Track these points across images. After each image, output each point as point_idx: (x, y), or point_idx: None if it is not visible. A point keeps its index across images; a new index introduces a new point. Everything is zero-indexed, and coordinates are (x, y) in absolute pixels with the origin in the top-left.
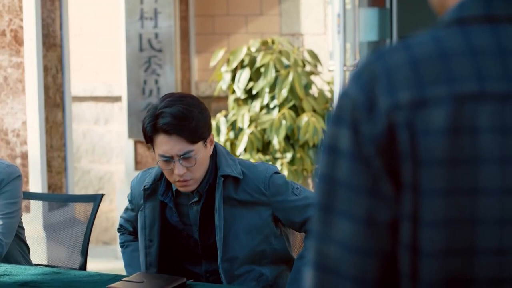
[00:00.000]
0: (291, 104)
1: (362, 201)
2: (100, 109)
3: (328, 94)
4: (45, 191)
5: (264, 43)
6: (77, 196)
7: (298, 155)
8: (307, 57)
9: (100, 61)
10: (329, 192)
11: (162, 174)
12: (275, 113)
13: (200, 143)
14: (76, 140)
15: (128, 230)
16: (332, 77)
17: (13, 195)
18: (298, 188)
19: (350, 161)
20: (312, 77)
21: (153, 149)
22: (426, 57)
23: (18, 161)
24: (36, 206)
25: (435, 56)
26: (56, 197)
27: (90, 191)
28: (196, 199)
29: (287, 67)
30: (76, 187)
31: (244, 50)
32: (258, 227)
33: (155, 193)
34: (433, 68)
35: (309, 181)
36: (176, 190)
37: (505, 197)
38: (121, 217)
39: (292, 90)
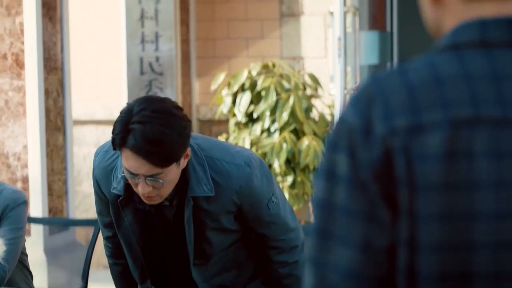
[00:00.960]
0: (291, 127)
1: (360, 226)
2: (101, 133)
3: (329, 118)
4: (46, 215)
5: (265, 66)
6: (78, 220)
7: (299, 179)
8: (308, 80)
9: (101, 84)
10: (326, 217)
11: None
12: (275, 137)
13: (173, 165)
14: (77, 164)
15: (113, 250)
16: (332, 100)
17: (18, 221)
18: (274, 201)
19: (347, 186)
20: (313, 101)
21: (120, 156)
22: (421, 83)
23: (19, 185)
24: (37, 230)
25: (431, 81)
26: (57, 221)
27: (91, 215)
28: (167, 203)
29: (287, 90)
30: (77, 211)
31: (245, 74)
32: (226, 228)
33: (131, 198)
34: (428, 93)
35: (310, 205)
36: None
37: (500, 222)
38: (103, 236)
39: (292, 113)
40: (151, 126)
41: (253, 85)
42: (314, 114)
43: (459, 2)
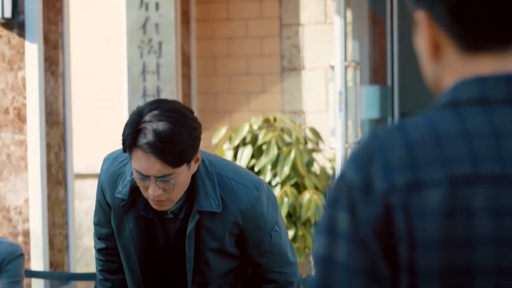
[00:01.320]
0: (293, 181)
1: (360, 283)
2: None
3: (330, 172)
4: (47, 269)
5: (266, 120)
6: (79, 274)
7: (300, 233)
8: (309, 134)
9: (102, 138)
10: (327, 273)
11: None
12: (277, 191)
13: (183, 166)
14: (78, 218)
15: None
16: (334, 154)
17: (15, 274)
18: (277, 231)
19: (347, 243)
20: (314, 155)
21: (130, 158)
22: (421, 140)
23: (20, 239)
24: (38, 284)
25: (430, 138)
26: (58, 275)
27: (92, 269)
28: (171, 216)
29: (289, 144)
30: (78, 265)
31: (246, 128)
32: (227, 251)
33: (134, 204)
34: (428, 150)
35: (311, 258)
36: None
37: (500, 278)
38: (95, 248)
39: (294, 167)
40: (163, 124)
41: (254, 139)
42: (315, 168)
43: (458, 59)
